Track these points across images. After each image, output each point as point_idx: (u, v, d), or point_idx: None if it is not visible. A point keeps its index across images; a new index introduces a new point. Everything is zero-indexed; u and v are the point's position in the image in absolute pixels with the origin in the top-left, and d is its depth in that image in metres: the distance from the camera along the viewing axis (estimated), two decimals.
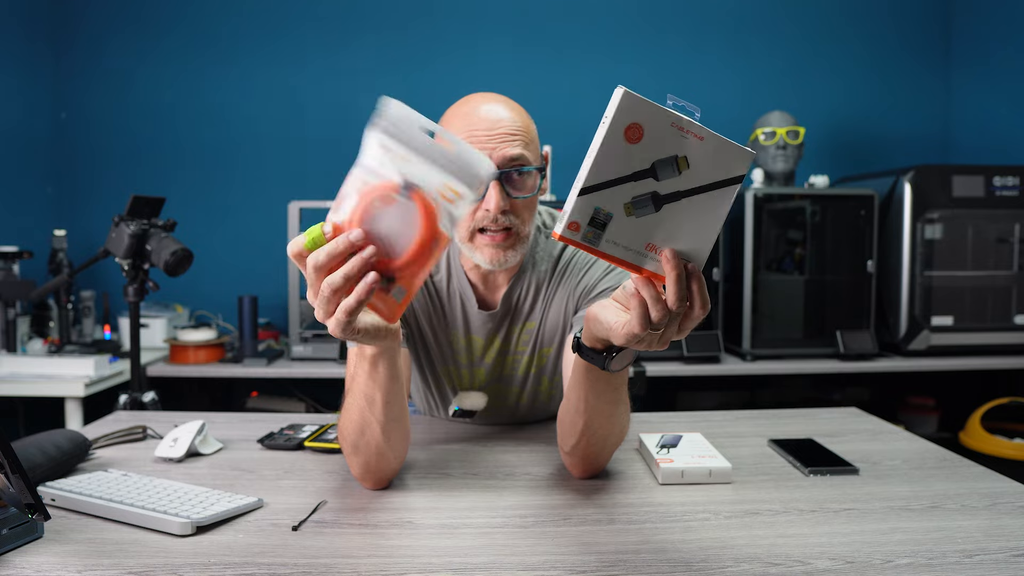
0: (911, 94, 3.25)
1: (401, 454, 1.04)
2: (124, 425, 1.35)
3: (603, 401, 0.98)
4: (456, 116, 1.10)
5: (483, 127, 1.06)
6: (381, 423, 0.97)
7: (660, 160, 0.71)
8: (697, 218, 0.74)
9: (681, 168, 0.72)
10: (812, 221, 2.65)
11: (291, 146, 3.09)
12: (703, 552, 0.84)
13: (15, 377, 2.19)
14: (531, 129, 1.11)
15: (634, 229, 0.73)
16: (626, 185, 0.72)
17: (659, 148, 0.71)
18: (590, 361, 0.91)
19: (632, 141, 0.71)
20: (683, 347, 2.51)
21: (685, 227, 0.74)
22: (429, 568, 0.80)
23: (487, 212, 1.07)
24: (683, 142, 0.71)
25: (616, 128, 0.70)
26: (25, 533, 0.85)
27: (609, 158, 0.71)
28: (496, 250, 1.10)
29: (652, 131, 0.70)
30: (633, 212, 0.73)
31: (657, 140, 0.71)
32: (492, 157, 1.05)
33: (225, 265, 3.02)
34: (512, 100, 1.13)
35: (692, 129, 0.71)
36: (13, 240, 2.60)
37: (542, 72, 3.09)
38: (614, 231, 0.73)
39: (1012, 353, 2.62)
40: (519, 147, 1.06)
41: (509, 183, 1.07)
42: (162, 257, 1.75)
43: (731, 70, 3.17)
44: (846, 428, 1.40)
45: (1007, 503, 0.99)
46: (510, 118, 1.08)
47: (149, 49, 3.06)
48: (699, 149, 0.71)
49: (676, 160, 0.72)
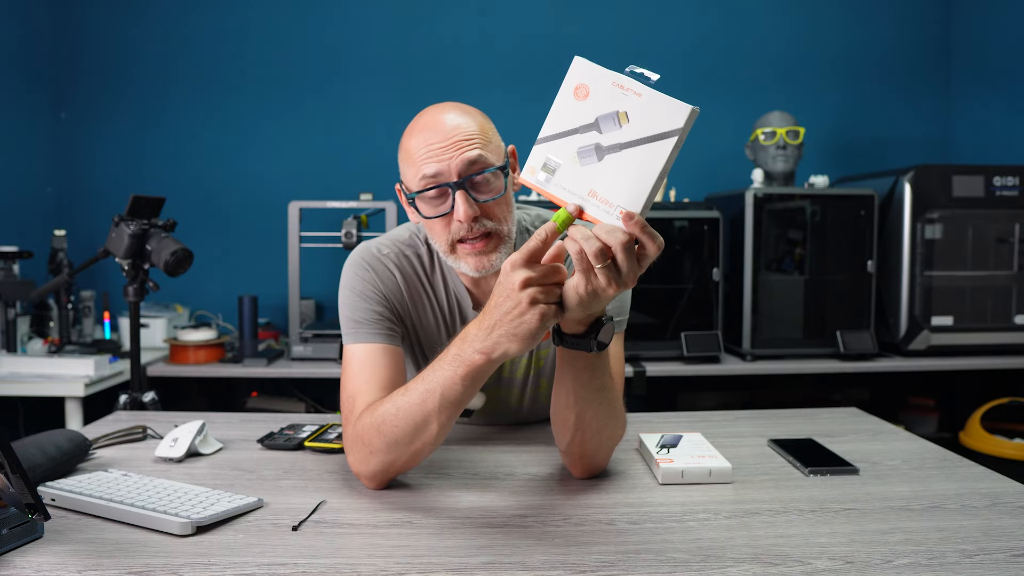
0: (911, 94, 3.25)
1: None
2: (124, 425, 1.35)
3: (590, 388, 0.99)
4: (412, 132, 1.08)
5: (438, 139, 1.04)
6: (443, 427, 0.97)
7: (603, 115, 0.82)
8: (634, 168, 0.80)
9: (621, 122, 0.81)
10: (812, 221, 2.65)
11: (291, 146, 3.09)
12: (703, 552, 0.84)
13: (15, 377, 2.19)
14: (487, 129, 1.09)
15: (579, 175, 0.84)
16: (573, 136, 0.83)
17: (603, 105, 0.82)
18: (572, 347, 0.92)
19: (580, 99, 0.83)
20: (683, 347, 2.51)
21: (624, 175, 0.81)
22: (429, 568, 0.80)
23: (460, 223, 1.06)
24: (624, 98, 0.80)
25: (567, 88, 0.84)
26: (25, 533, 0.85)
27: (562, 114, 0.84)
28: (479, 257, 1.09)
29: (597, 90, 0.82)
30: (578, 160, 0.83)
31: (601, 98, 0.82)
32: (451, 167, 1.04)
33: (225, 265, 3.02)
34: (467, 105, 1.11)
35: (632, 87, 0.80)
36: (13, 240, 2.60)
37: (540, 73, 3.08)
38: (562, 177, 0.84)
39: (1012, 353, 2.62)
40: (476, 150, 1.04)
41: (474, 188, 1.06)
42: (162, 257, 1.75)
43: (731, 70, 3.17)
44: (846, 428, 1.40)
45: (1007, 503, 0.99)
46: (464, 123, 1.06)
47: (150, 49, 3.06)
48: (638, 104, 0.80)
49: (616, 115, 0.81)
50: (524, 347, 0.86)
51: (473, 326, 0.90)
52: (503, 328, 0.85)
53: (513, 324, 0.84)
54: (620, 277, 0.82)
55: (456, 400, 0.94)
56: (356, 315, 1.14)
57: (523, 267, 0.83)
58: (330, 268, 2.90)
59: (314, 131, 3.10)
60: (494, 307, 0.86)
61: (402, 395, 0.98)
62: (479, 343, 0.88)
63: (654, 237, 0.81)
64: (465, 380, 0.91)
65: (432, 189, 1.05)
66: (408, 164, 1.08)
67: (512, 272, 0.84)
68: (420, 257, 1.22)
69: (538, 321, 0.83)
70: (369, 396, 1.06)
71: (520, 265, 0.83)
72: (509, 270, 0.84)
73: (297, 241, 2.59)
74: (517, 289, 0.83)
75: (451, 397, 0.93)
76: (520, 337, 0.85)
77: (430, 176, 1.04)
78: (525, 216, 1.25)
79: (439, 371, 0.93)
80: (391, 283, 1.18)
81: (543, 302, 0.83)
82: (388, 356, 1.12)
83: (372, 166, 3.04)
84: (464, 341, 0.90)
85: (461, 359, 0.91)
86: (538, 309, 0.83)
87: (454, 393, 0.93)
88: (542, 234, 0.83)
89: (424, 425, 0.96)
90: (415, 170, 1.06)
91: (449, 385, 0.92)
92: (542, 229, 0.83)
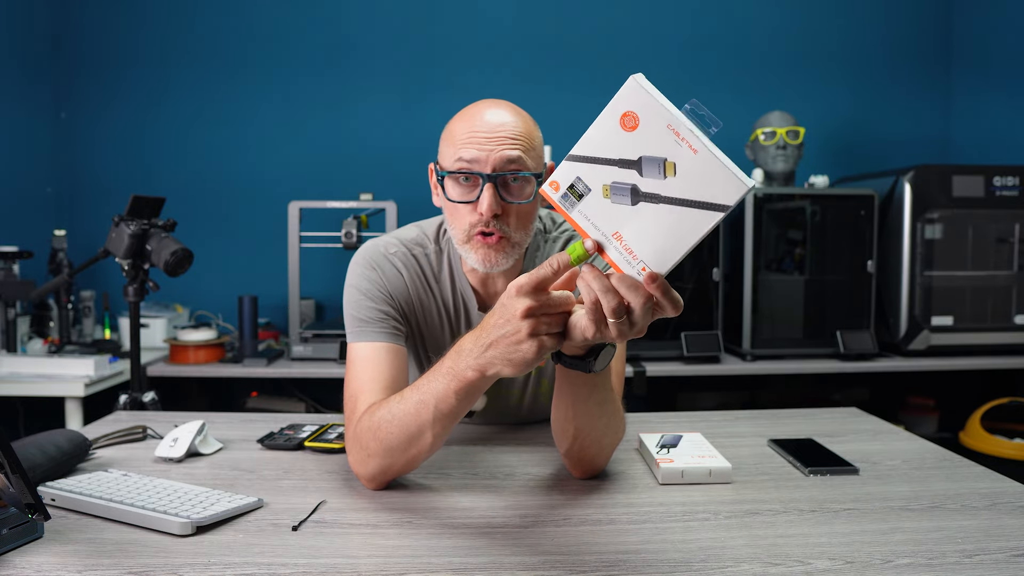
0: (911, 94, 3.25)
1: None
2: (124, 425, 1.35)
3: (590, 403, 0.98)
4: (461, 116, 1.09)
5: (484, 129, 1.05)
6: (439, 437, 0.96)
7: (647, 157, 0.71)
8: (670, 228, 0.72)
9: (667, 172, 0.71)
10: (812, 221, 2.65)
11: (291, 146, 3.09)
12: (703, 552, 0.84)
13: (15, 377, 2.19)
14: (534, 136, 1.10)
15: (606, 212, 0.75)
16: (610, 168, 0.73)
17: (650, 144, 0.71)
18: (571, 367, 0.90)
19: (626, 129, 0.71)
20: (683, 347, 2.51)
21: (656, 232, 0.73)
22: (429, 568, 0.80)
23: (480, 215, 1.06)
24: (676, 148, 0.70)
25: (614, 111, 0.72)
26: (25, 533, 0.85)
27: (601, 137, 0.73)
28: (489, 251, 1.09)
29: (647, 125, 0.70)
30: (610, 196, 0.74)
31: (650, 137, 0.70)
32: (489, 159, 1.04)
33: (225, 265, 3.02)
34: (519, 108, 1.12)
35: (688, 138, 0.69)
36: (13, 240, 2.60)
37: (539, 75, 3.08)
38: (587, 205, 0.76)
39: (1012, 353, 2.62)
40: (517, 151, 1.05)
41: (504, 187, 1.06)
42: (162, 257, 1.75)
43: (731, 70, 3.16)
44: (846, 428, 1.40)
45: (1007, 503, 0.99)
46: (513, 122, 1.07)
47: (150, 49, 3.06)
48: (690, 161, 0.69)
49: (663, 163, 0.71)
50: (518, 372, 0.83)
51: (469, 339, 0.88)
52: (498, 350, 0.83)
53: (509, 349, 0.82)
54: (631, 330, 0.77)
55: (450, 412, 0.93)
56: (361, 314, 1.14)
57: (528, 295, 0.79)
58: (330, 268, 2.91)
59: (314, 131, 3.10)
60: (493, 326, 0.83)
61: (398, 402, 0.98)
62: (473, 359, 0.86)
63: (675, 302, 0.76)
64: (459, 394, 0.90)
65: (464, 173, 1.05)
66: (448, 144, 1.08)
67: (516, 298, 0.80)
68: (427, 256, 1.22)
69: (535, 352, 0.80)
70: (371, 396, 1.06)
71: (526, 292, 0.79)
72: (514, 294, 0.80)
73: (297, 241, 2.59)
74: (519, 317, 0.79)
75: (445, 410, 0.92)
76: (514, 363, 0.82)
77: (466, 160, 1.05)
78: (537, 219, 1.25)
79: (434, 382, 0.92)
80: (397, 282, 1.18)
81: (543, 333, 0.80)
82: (392, 355, 1.12)
83: (372, 166, 3.05)
84: (459, 355, 0.88)
85: (455, 373, 0.89)
86: (537, 340, 0.80)
87: (447, 406, 0.92)
88: (554, 263, 0.78)
89: (419, 435, 0.96)
90: (453, 150, 1.06)
91: (443, 398, 0.91)
92: (554, 258, 0.79)
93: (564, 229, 1.27)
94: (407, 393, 0.97)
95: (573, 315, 0.81)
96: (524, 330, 0.80)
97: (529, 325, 0.79)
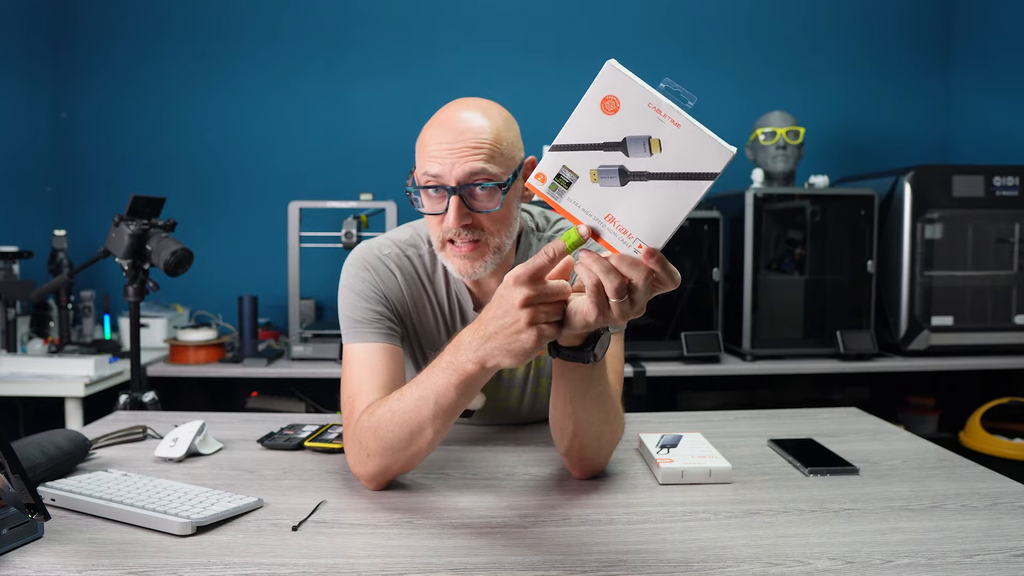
0: (911, 94, 3.25)
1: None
2: (124, 425, 1.35)
3: (588, 397, 0.98)
4: (431, 124, 1.09)
5: (448, 138, 1.04)
6: (439, 433, 0.97)
7: (632, 137, 0.73)
8: (661, 203, 0.74)
9: (652, 149, 0.73)
10: (812, 221, 2.65)
11: (291, 146, 3.09)
12: (703, 552, 0.84)
13: (15, 377, 2.19)
14: (502, 139, 1.07)
15: (596, 196, 0.76)
16: (595, 152, 0.74)
17: (633, 125, 0.72)
18: (570, 359, 0.91)
19: (608, 112, 0.73)
20: (683, 347, 2.51)
21: (648, 208, 0.74)
22: (429, 568, 0.80)
23: (449, 227, 1.06)
24: (659, 125, 0.72)
25: (594, 96, 0.73)
26: (25, 533, 0.85)
27: (584, 123, 0.74)
28: (464, 260, 1.09)
29: (629, 107, 0.72)
30: (598, 180, 0.75)
31: (632, 117, 0.72)
32: (452, 173, 1.03)
33: (225, 265, 3.02)
34: (495, 106, 1.10)
35: (669, 113, 0.71)
36: (13, 240, 2.60)
37: (540, 76, 3.08)
38: (577, 192, 0.76)
39: (1012, 353, 2.62)
40: (481, 161, 1.04)
41: (471, 197, 1.05)
42: (162, 257, 1.75)
43: (731, 70, 3.16)
44: (846, 428, 1.40)
45: (1007, 503, 0.99)
46: (478, 128, 1.05)
47: (150, 49, 3.06)
48: (674, 135, 0.72)
49: (648, 140, 0.72)
50: (518, 362, 0.84)
51: (468, 332, 0.88)
52: (498, 341, 0.83)
53: (508, 340, 0.82)
54: (632, 309, 0.78)
55: (450, 407, 0.93)
56: (356, 315, 1.14)
57: (526, 284, 0.79)
58: (330, 268, 2.89)
59: (315, 131, 3.10)
60: (491, 318, 0.83)
61: (397, 400, 0.98)
62: (472, 352, 0.86)
63: (672, 274, 0.77)
64: (459, 388, 0.90)
65: (431, 187, 1.06)
66: (419, 155, 1.09)
67: (514, 288, 0.80)
68: (421, 257, 1.22)
69: (535, 341, 0.80)
70: (369, 396, 1.06)
71: (523, 282, 0.79)
72: (511, 284, 0.80)
73: (297, 241, 2.59)
74: (517, 307, 0.80)
75: (445, 404, 0.93)
76: (514, 353, 0.82)
77: (431, 175, 1.05)
78: (528, 217, 1.25)
79: (433, 377, 0.93)
80: (391, 283, 1.18)
81: (542, 322, 0.80)
82: (388, 356, 1.12)
83: (372, 166, 3.05)
84: (458, 349, 0.89)
85: (455, 367, 0.89)
86: (536, 329, 0.80)
87: (448, 400, 0.92)
88: (550, 252, 0.79)
89: (419, 431, 0.96)
90: (422, 163, 1.07)
91: (443, 392, 0.92)
92: (549, 247, 0.79)
93: (559, 228, 1.26)
94: (406, 390, 0.97)
95: (571, 303, 0.82)
96: (523, 319, 0.80)
97: (528, 314, 0.80)
